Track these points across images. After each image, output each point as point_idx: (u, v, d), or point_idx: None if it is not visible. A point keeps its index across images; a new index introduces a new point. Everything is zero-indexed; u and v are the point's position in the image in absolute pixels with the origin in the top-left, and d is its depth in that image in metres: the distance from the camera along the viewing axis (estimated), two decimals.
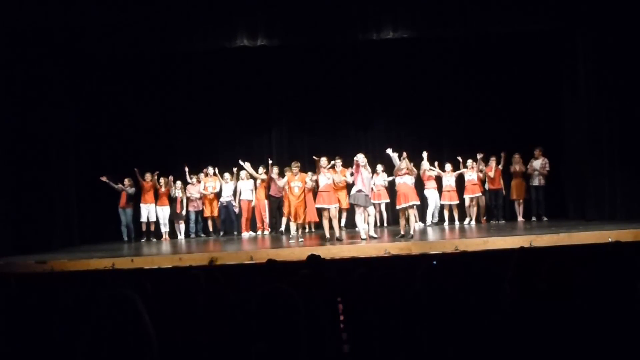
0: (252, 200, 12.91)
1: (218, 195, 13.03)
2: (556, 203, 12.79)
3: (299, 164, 10.97)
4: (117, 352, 2.23)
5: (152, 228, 13.06)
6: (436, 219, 13.17)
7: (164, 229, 12.99)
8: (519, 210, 12.93)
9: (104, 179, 12.54)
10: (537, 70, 13.16)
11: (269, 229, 13.00)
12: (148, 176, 12.84)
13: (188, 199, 13.05)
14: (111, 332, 2.25)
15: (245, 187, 12.87)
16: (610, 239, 8.22)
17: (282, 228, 12.55)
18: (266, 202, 12.88)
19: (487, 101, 13.70)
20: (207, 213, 13.10)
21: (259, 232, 12.92)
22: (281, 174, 11.80)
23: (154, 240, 12.91)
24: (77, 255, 10.19)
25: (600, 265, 3.61)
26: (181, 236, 13.09)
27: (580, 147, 11.97)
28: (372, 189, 11.20)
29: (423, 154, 12.51)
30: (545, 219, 12.48)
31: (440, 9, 11.38)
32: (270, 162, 12.76)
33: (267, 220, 12.98)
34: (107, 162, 13.34)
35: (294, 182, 10.74)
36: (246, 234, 12.83)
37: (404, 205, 10.43)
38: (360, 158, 10.41)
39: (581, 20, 11.49)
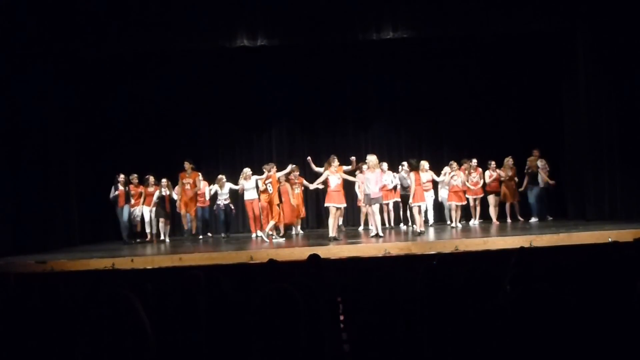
0: (254, 200, 12.38)
1: (213, 197, 12.61)
2: (556, 203, 12.78)
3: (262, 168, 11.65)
4: (116, 353, 2.23)
5: (139, 228, 12.83)
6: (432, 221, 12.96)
7: (148, 229, 12.69)
8: (512, 212, 12.70)
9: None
10: (537, 71, 13.16)
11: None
12: (135, 180, 12.52)
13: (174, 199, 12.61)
14: (110, 332, 2.25)
15: (248, 186, 12.15)
16: (610, 239, 8.22)
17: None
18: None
19: (486, 101, 13.71)
20: (182, 211, 12.48)
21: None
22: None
23: (148, 240, 12.78)
24: (77, 255, 10.20)
25: (600, 265, 3.61)
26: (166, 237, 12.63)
27: (580, 147, 11.96)
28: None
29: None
30: (550, 218, 12.46)
31: (440, 9, 11.38)
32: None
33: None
34: (107, 162, 13.32)
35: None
36: (253, 235, 12.29)
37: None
38: (369, 159, 10.67)
39: (581, 20, 11.49)
